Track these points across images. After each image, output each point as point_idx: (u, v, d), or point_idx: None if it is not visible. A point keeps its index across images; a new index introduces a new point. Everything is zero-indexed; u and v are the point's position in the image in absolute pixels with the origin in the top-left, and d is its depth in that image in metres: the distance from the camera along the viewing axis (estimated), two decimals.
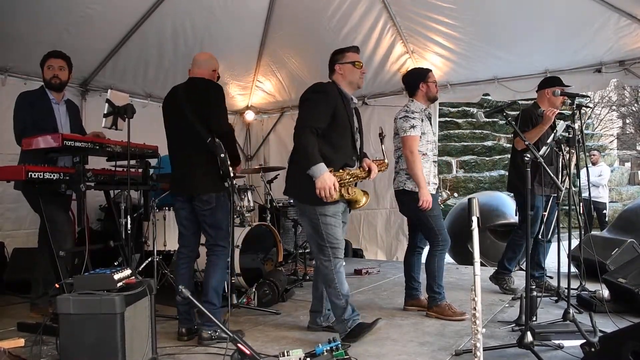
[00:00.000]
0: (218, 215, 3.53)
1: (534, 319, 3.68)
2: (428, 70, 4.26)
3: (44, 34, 5.10)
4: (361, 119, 3.76)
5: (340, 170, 3.40)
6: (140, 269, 5.00)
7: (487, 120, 16.47)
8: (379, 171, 3.75)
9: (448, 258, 6.42)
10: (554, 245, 4.27)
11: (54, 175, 3.60)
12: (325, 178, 3.18)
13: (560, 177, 4.53)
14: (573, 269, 4.74)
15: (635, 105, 24.86)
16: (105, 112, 3.77)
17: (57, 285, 2.97)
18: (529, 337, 2.95)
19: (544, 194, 4.62)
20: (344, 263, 3.48)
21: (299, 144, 3.32)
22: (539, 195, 4.60)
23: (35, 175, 3.48)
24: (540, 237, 4.74)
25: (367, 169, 3.60)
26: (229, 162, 3.44)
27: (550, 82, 4.72)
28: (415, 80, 4.18)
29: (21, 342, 3.34)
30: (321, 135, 3.34)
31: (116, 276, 2.60)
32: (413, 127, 3.94)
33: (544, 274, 4.89)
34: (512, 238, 4.93)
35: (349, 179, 3.44)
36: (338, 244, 3.40)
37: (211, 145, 3.42)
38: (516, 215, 5.07)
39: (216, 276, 3.50)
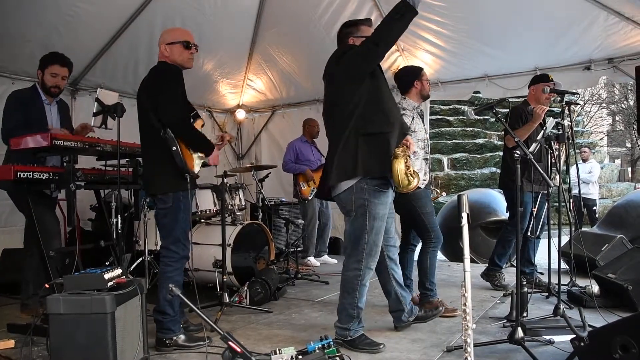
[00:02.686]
0: (172, 216, 3.28)
1: (525, 314, 3.71)
2: (421, 69, 4.28)
3: (33, 32, 5.05)
4: None
5: (401, 148, 3.12)
6: (131, 269, 4.99)
7: (478, 117, 16.51)
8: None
9: (440, 255, 6.44)
10: (544, 242, 4.30)
11: (43, 175, 3.58)
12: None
13: (549, 173, 4.57)
14: (563, 265, 4.77)
15: (625, 102, 25.03)
16: (94, 111, 3.76)
17: (47, 286, 2.94)
18: (520, 332, 2.97)
19: (533, 190, 4.65)
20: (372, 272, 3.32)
21: (392, 32, 2.99)
22: (527, 191, 4.64)
23: (24, 175, 3.46)
24: (529, 233, 4.77)
25: (407, 143, 3.22)
26: (195, 155, 3.29)
27: (539, 79, 4.78)
28: (410, 78, 4.19)
29: (11, 343, 3.32)
30: (370, 101, 3.11)
31: (106, 276, 2.59)
32: None
33: (535, 270, 4.92)
34: (502, 234, 4.98)
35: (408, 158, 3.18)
36: (376, 252, 3.24)
37: (164, 138, 3.15)
38: (507, 212, 5.10)
39: (166, 286, 2.99)
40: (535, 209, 4.68)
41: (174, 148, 3.16)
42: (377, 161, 3.10)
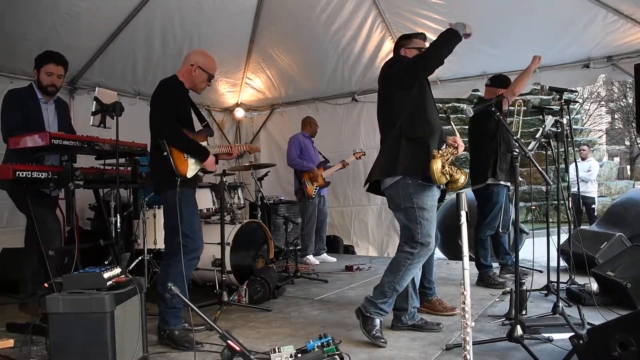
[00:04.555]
0: (173, 212, 3.39)
1: (524, 312, 3.71)
2: None
3: (31, 31, 5.04)
4: None
5: (444, 148, 3.34)
6: (130, 268, 4.98)
7: None
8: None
9: (439, 253, 6.44)
10: (543, 240, 4.29)
11: (42, 174, 3.57)
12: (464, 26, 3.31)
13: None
14: (562, 263, 4.78)
15: (624, 100, 25.06)
16: (93, 110, 3.75)
17: (46, 285, 2.94)
18: (519, 330, 2.97)
19: (505, 180, 4.92)
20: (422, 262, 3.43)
21: (439, 52, 3.36)
22: (501, 182, 4.88)
23: (22, 174, 3.45)
24: (500, 229, 5.01)
25: (455, 144, 3.41)
26: (190, 161, 3.44)
27: (500, 81, 5.09)
28: None
29: (10, 342, 3.32)
30: (415, 107, 3.35)
31: (106, 275, 2.58)
32: None
33: (511, 257, 5.14)
34: (476, 235, 5.09)
35: (451, 157, 3.35)
36: (430, 242, 3.34)
37: (160, 143, 3.40)
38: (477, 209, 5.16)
39: (163, 277, 3.39)
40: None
41: (165, 153, 3.36)
42: (416, 163, 3.29)
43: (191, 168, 3.47)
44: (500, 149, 4.89)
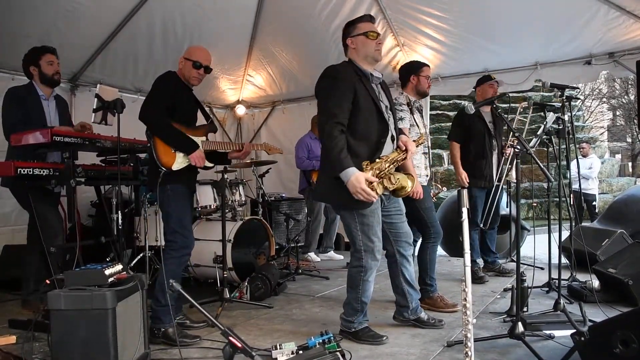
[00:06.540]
0: (163, 209, 3.42)
1: (525, 309, 3.71)
2: (423, 64, 4.22)
3: (32, 29, 5.03)
4: (391, 94, 3.48)
5: (377, 160, 3.13)
6: (132, 265, 4.99)
7: None
8: (417, 146, 3.51)
9: (440, 250, 6.43)
10: (544, 237, 4.30)
11: (43, 171, 3.58)
12: (353, 181, 2.94)
13: (498, 170, 5.15)
14: (564, 260, 4.78)
15: (626, 97, 25.01)
16: (94, 107, 3.76)
17: (47, 282, 2.95)
18: (520, 327, 2.98)
19: (481, 186, 5.15)
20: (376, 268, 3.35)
21: (325, 144, 3.07)
22: (477, 187, 5.14)
23: (24, 171, 3.46)
24: (483, 225, 5.19)
25: (403, 148, 3.27)
26: (178, 154, 3.42)
27: (483, 80, 5.29)
28: (407, 72, 4.18)
29: (13, 339, 3.33)
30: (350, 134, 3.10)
31: (107, 271, 2.58)
32: (401, 119, 3.93)
33: (497, 258, 5.38)
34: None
35: (389, 166, 3.16)
36: (374, 246, 3.24)
37: (147, 135, 3.40)
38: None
39: (162, 274, 3.33)
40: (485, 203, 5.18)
41: (148, 145, 3.38)
42: (345, 193, 3.05)
43: (178, 161, 3.42)
44: (470, 155, 5.16)
